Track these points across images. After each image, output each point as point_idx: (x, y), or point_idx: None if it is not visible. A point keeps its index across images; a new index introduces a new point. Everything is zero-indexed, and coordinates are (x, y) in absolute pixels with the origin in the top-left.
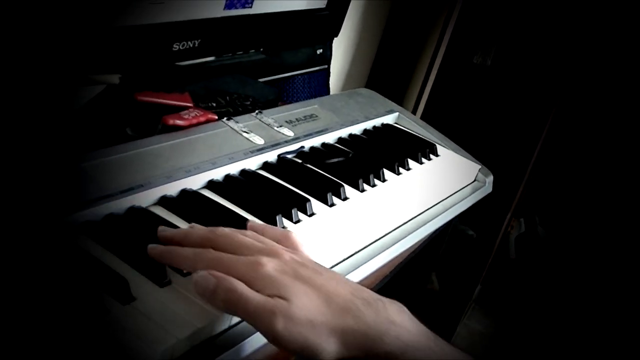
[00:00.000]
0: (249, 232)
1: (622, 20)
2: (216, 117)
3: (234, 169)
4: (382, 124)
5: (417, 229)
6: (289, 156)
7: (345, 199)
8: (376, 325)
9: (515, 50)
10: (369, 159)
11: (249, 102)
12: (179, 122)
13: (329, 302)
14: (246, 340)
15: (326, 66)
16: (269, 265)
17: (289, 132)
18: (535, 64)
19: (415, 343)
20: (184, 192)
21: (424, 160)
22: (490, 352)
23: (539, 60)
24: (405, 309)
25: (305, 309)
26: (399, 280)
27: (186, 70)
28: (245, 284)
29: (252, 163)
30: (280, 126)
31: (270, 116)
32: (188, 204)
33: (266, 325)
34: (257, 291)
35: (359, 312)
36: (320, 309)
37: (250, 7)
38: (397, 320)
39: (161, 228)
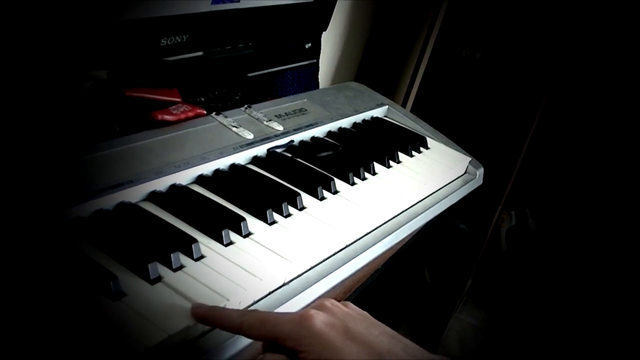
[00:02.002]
0: None
1: (610, 12)
2: (205, 112)
3: (223, 163)
4: (372, 118)
5: (408, 222)
6: (279, 150)
7: (336, 192)
8: None
9: (504, 42)
10: (359, 152)
11: (238, 97)
12: (168, 118)
13: None
14: (235, 338)
15: (315, 60)
16: (318, 318)
17: (278, 127)
18: (524, 56)
19: None
20: (174, 188)
21: (414, 153)
22: (482, 345)
23: (528, 53)
24: None
25: None
26: (391, 275)
27: (175, 65)
28: (293, 344)
29: (242, 157)
30: (270, 120)
31: (259, 110)
32: (178, 199)
33: None
34: (302, 352)
35: None
36: None
37: (238, 1)
38: None
39: (195, 305)
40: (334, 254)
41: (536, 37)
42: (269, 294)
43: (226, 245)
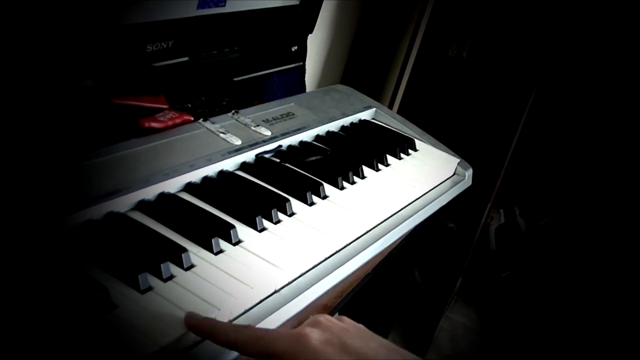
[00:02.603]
0: None
1: (598, 9)
2: (192, 119)
3: (212, 170)
4: (360, 120)
5: (398, 226)
6: (267, 156)
7: (325, 197)
8: None
9: (490, 40)
10: (348, 156)
11: (225, 102)
12: (155, 125)
13: None
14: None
15: (301, 63)
16: (313, 335)
17: (266, 132)
18: (510, 54)
19: None
20: (162, 196)
21: (402, 155)
22: (473, 344)
23: (515, 50)
24: None
25: None
26: (382, 277)
27: (161, 71)
28: (290, 358)
29: (230, 164)
30: (258, 125)
31: (247, 116)
32: (166, 208)
33: None
34: None
35: None
36: None
37: (224, 5)
38: None
39: (188, 314)
40: (324, 260)
41: (522, 34)
42: (260, 302)
43: (216, 254)
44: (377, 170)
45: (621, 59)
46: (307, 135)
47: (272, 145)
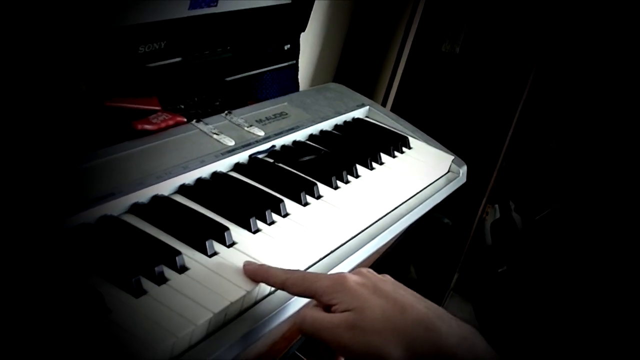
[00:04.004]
0: None
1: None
2: (185, 120)
3: (205, 172)
4: (353, 119)
5: (393, 224)
6: (261, 156)
7: (319, 197)
8: (448, 337)
9: (483, 37)
10: (341, 155)
11: (218, 102)
12: (148, 127)
13: (403, 312)
14: (221, 351)
15: (294, 61)
16: (352, 278)
17: (259, 132)
18: (504, 50)
19: (487, 357)
20: (156, 199)
21: (396, 153)
22: None
23: (508, 47)
24: (478, 333)
25: (375, 319)
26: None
27: (153, 72)
28: (327, 299)
29: (224, 165)
30: (251, 126)
31: (240, 116)
32: (160, 210)
33: (335, 339)
34: (335, 305)
35: (431, 324)
36: (392, 319)
37: (215, 5)
38: (469, 337)
39: (246, 262)
40: (319, 260)
41: (516, 29)
42: (255, 304)
43: (210, 256)
44: (372, 169)
45: (615, 56)
46: (301, 135)
47: (265, 146)
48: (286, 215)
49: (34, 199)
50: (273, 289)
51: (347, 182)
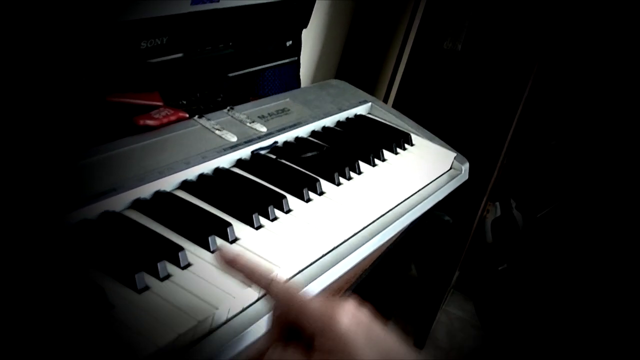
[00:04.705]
0: None
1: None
2: (187, 115)
3: (207, 167)
4: (355, 115)
5: (395, 221)
6: (263, 152)
7: (322, 193)
8: None
9: (485, 34)
10: (344, 151)
11: (220, 98)
12: (150, 122)
13: None
14: (227, 344)
15: (296, 58)
16: (346, 312)
17: (261, 128)
18: (506, 48)
19: None
20: (158, 194)
21: (398, 150)
22: (470, 337)
23: (510, 44)
24: None
25: None
26: (379, 272)
27: (155, 68)
28: (316, 329)
29: (226, 161)
30: (253, 122)
31: (242, 112)
32: (162, 206)
33: None
34: (321, 347)
35: None
36: None
37: (218, 1)
38: None
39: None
40: (322, 257)
41: (517, 26)
42: (258, 300)
43: (213, 252)
44: (374, 165)
45: (617, 54)
46: (303, 131)
47: (267, 142)
48: (289, 211)
49: (36, 195)
50: None
51: (349, 178)
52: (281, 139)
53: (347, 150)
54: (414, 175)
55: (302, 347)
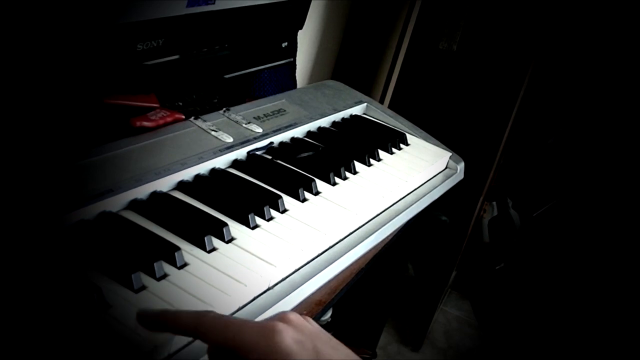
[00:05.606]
0: None
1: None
2: (183, 117)
3: (203, 168)
4: (351, 116)
5: (390, 220)
6: (259, 153)
7: (317, 193)
8: None
9: (480, 34)
10: (339, 151)
11: (216, 100)
12: (146, 124)
13: None
14: None
15: (292, 59)
16: (287, 334)
17: (257, 129)
18: (501, 48)
19: None
20: (155, 195)
21: (394, 150)
22: (467, 337)
23: (505, 44)
24: None
25: None
26: (375, 271)
27: (152, 70)
28: (256, 357)
29: (222, 161)
30: (249, 123)
31: (238, 113)
32: (159, 206)
33: None
34: None
35: None
36: None
37: (213, 3)
38: None
39: (140, 311)
40: (317, 256)
41: (513, 26)
42: (254, 299)
43: (209, 252)
44: (369, 165)
45: (613, 53)
46: (299, 132)
47: (263, 142)
48: (284, 211)
49: (33, 196)
50: (271, 284)
51: (344, 178)
52: (277, 139)
53: (342, 150)
54: (410, 174)
55: None
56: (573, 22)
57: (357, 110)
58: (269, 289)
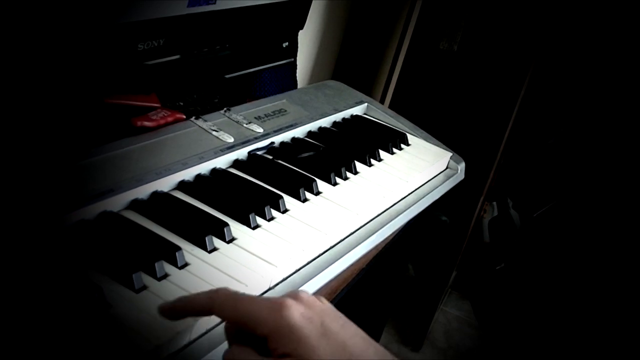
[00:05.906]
0: None
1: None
2: (184, 117)
3: (204, 168)
4: (352, 116)
5: (391, 221)
6: (260, 153)
7: (318, 193)
8: None
9: (481, 34)
10: (340, 151)
11: (216, 99)
12: (147, 124)
13: None
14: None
15: (293, 59)
16: (295, 309)
17: (258, 129)
18: (502, 48)
19: None
20: (155, 195)
21: (395, 150)
22: (467, 337)
23: (506, 44)
24: None
25: None
26: (376, 271)
27: (152, 70)
28: (266, 332)
29: (223, 161)
30: (250, 123)
31: (239, 113)
32: (160, 206)
33: None
34: (273, 346)
35: None
36: None
37: (214, 3)
38: None
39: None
40: (318, 256)
41: (513, 26)
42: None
43: (210, 252)
44: (370, 165)
45: (613, 53)
46: (299, 132)
47: (264, 142)
48: (285, 211)
49: (35, 196)
50: (272, 284)
51: (345, 178)
52: (278, 139)
53: (343, 151)
54: (410, 174)
55: (256, 350)
56: (574, 22)
57: (357, 110)
58: (269, 289)
